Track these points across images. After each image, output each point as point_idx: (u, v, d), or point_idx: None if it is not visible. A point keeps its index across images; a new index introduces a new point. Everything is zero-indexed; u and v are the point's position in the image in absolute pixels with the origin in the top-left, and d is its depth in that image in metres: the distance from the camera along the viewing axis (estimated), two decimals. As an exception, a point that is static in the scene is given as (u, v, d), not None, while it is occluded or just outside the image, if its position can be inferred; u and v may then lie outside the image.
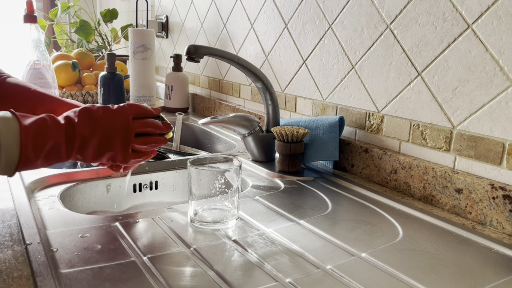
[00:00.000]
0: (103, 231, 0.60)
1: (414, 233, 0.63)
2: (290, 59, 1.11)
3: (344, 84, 0.95)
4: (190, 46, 0.87)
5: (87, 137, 0.60)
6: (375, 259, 0.55)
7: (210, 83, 1.52)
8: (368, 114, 0.90)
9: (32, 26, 1.36)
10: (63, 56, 1.69)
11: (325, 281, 0.50)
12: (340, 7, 0.94)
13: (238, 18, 1.31)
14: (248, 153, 0.99)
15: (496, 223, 0.66)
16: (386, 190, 0.82)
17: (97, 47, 2.03)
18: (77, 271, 0.50)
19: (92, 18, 2.08)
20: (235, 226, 0.64)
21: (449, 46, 0.73)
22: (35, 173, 0.80)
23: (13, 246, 0.55)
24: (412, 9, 0.78)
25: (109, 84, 1.44)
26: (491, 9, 0.67)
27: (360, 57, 0.90)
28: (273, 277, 0.50)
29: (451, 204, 0.72)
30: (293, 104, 1.11)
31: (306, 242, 0.59)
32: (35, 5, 1.44)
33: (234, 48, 1.35)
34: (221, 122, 0.96)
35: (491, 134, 0.68)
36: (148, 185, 0.90)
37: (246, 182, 0.86)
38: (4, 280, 0.48)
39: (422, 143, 0.79)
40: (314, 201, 0.74)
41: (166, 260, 0.53)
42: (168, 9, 1.77)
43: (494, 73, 0.67)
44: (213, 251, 0.56)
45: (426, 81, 0.77)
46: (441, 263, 0.55)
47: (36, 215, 0.64)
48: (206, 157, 0.68)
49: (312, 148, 0.91)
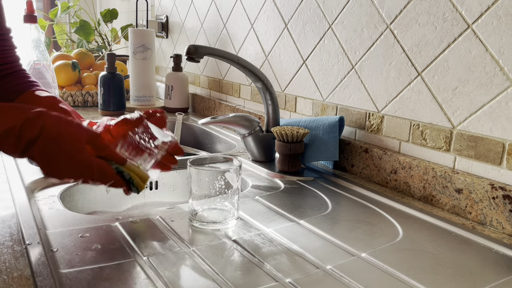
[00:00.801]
0: (103, 231, 0.60)
1: (414, 233, 0.63)
2: (290, 59, 1.11)
3: (344, 84, 0.95)
4: (190, 46, 0.87)
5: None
6: (375, 259, 0.55)
7: (210, 83, 1.52)
8: (368, 114, 0.90)
9: (32, 26, 1.36)
10: (63, 56, 1.69)
11: (325, 281, 0.50)
12: (340, 7, 0.94)
13: (238, 18, 1.31)
14: (248, 153, 0.99)
15: (496, 223, 0.66)
16: (386, 190, 0.82)
17: (97, 47, 2.03)
18: (77, 271, 0.50)
19: (92, 18, 2.08)
20: (235, 226, 0.64)
21: (449, 46, 0.73)
22: (35, 173, 0.80)
23: (13, 246, 0.55)
24: (412, 9, 0.78)
25: (109, 84, 1.44)
26: (491, 9, 0.67)
27: (360, 57, 0.90)
28: (273, 277, 0.50)
29: (451, 204, 0.72)
30: (293, 104, 1.11)
31: (306, 242, 0.59)
32: (35, 5, 1.44)
33: (234, 48, 1.35)
34: (221, 122, 0.96)
35: (491, 134, 0.68)
36: (148, 185, 0.90)
37: (246, 182, 0.86)
38: (4, 280, 0.48)
39: (422, 143, 0.79)
40: (314, 201, 0.74)
41: (166, 260, 0.53)
42: (168, 9, 1.77)
43: (494, 73, 0.67)
44: (213, 251, 0.56)
45: (426, 81, 0.77)
46: (441, 263, 0.55)
47: (36, 215, 0.64)
48: (206, 157, 0.68)
49: (312, 148, 0.91)
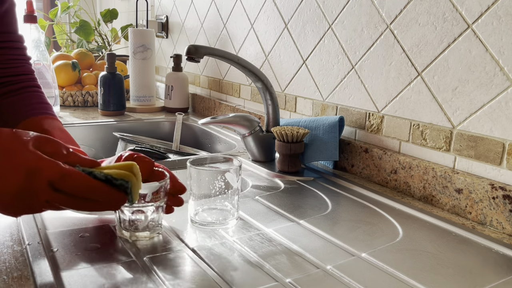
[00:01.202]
0: (103, 231, 0.60)
1: (414, 233, 0.63)
2: (290, 59, 1.11)
3: (344, 84, 0.95)
4: (190, 46, 0.87)
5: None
6: (375, 259, 0.55)
7: (210, 83, 1.52)
8: (368, 114, 0.90)
9: (32, 26, 1.36)
10: (63, 56, 1.69)
11: (325, 281, 0.50)
12: (340, 7, 0.94)
13: (238, 18, 1.31)
14: (248, 153, 0.99)
15: (496, 223, 0.66)
16: (386, 190, 0.82)
17: (97, 47, 2.03)
18: (77, 271, 0.50)
19: (92, 18, 2.08)
20: (235, 226, 0.64)
21: (449, 46, 0.73)
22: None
23: (13, 246, 0.55)
24: (412, 9, 0.78)
25: (109, 84, 1.44)
26: (491, 9, 0.67)
27: (360, 57, 0.90)
28: (273, 277, 0.50)
29: (451, 204, 0.72)
30: (293, 104, 1.11)
31: (306, 242, 0.59)
32: (35, 5, 1.44)
33: (234, 48, 1.35)
34: (221, 122, 0.96)
35: (491, 134, 0.68)
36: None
37: (246, 182, 0.86)
38: (4, 280, 0.48)
39: (422, 143, 0.79)
40: (314, 201, 0.74)
41: (166, 260, 0.53)
42: (168, 9, 1.77)
43: (494, 73, 0.67)
44: (213, 251, 0.56)
45: (426, 81, 0.77)
46: (441, 263, 0.55)
47: (36, 215, 0.64)
48: (206, 157, 0.68)
49: (312, 148, 0.91)
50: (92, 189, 0.48)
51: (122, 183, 0.49)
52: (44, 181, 0.46)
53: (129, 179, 0.50)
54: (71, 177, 0.47)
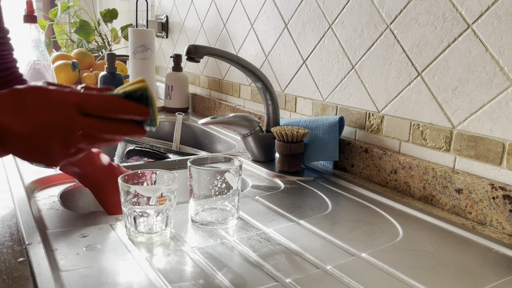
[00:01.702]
0: (103, 231, 0.60)
1: (414, 233, 0.63)
2: (290, 59, 1.11)
3: (344, 84, 0.95)
4: (190, 46, 0.87)
5: (7, 130, 0.47)
6: (375, 259, 0.55)
7: (210, 83, 1.52)
8: (368, 114, 0.90)
9: (32, 26, 1.36)
10: (63, 56, 1.69)
11: (325, 281, 0.50)
12: (340, 7, 0.94)
13: (238, 18, 1.31)
14: (248, 153, 0.99)
15: (496, 223, 0.66)
16: (386, 190, 0.82)
17: (97, 47, 2.03)
18: (77, 271, 0.50)
19: (92, 18, 2.08)
20: (235, 226, 0.64)
21: (449, 46, 0.73)
22: (35, 173, 0.80)
23: (13, 246, 0.55)
24: (412, 9, 0.78)
25: (109, 84, 1.44)
26: (491, 9, 0.67)
27: (360, 57, 0.90)
28: (273, 277, 0.50)
29: (451, 204, 0.72)
30: (293, 104, 1.11)
31: (306, 242, 0.59)
32: (35, 5, 1.44)
33: (234, 48, 1.35)
34: (221, 122, 0.96)
35: (491, 134, 0.68)
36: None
37: (246, 182, 0.86)
38: (4, 280, 0.48)
39: (422, 143, 0.79)
40: (314, 201, 0.74)
41: (167, 260, 0.53)
42: (168, 9, 1.77)
43: (494, 73, 0.67)
44: (213, 251, 0.56)
45: (426, 81, 0.77)
46: (441, 263, 0.55)
47: (36, 215, 0.64)
48: (206, 157, 0.68)
49: (312, 148, 0.91)
50: (117, 104, 0.50)
51: (142, 92, 0.51)
52: (72, 105, 0.48)
53: (145, 87, 0.52)
54: (95, 96, 0.49)
